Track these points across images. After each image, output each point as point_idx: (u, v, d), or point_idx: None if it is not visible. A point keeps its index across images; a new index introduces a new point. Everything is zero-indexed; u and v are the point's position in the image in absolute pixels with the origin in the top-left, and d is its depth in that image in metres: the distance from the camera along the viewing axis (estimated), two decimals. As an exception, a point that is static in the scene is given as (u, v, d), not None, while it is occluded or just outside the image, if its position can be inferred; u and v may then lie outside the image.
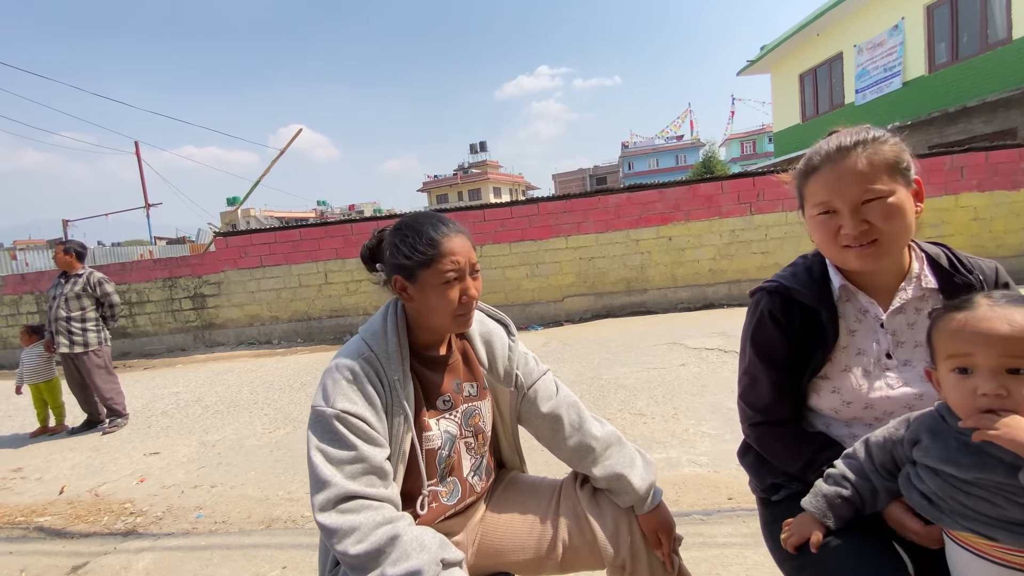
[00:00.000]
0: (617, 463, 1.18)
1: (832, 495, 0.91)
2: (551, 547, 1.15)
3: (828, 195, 0.96)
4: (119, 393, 4.34)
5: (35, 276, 8.44)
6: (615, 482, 1.16)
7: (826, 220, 0.97)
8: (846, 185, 0.94)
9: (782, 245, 7.41)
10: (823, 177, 0.97)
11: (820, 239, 1.00)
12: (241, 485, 2.96)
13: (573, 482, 1.24)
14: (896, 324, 1.02)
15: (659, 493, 1.18)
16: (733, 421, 3.18)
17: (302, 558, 2.17)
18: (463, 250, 1.07)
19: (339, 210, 47.52)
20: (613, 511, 1.16)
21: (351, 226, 7.88)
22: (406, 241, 1.06)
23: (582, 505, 1.17)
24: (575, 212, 7.58)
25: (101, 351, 4.26)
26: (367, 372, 1.03)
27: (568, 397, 1.25)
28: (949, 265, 1.02)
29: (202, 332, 8.11)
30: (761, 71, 16.88)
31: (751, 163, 32.38)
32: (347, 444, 0.96)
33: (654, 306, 7.62)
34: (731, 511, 2.22)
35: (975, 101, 9.32)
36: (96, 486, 3.14)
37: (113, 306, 4.35)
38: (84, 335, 4.16)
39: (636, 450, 1.24)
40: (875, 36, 11.91)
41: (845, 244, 0.96)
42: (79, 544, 2.48)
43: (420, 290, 1.07)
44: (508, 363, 1.22)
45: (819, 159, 0.98)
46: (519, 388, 1.22)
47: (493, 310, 1.29)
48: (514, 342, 1.24)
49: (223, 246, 7.99)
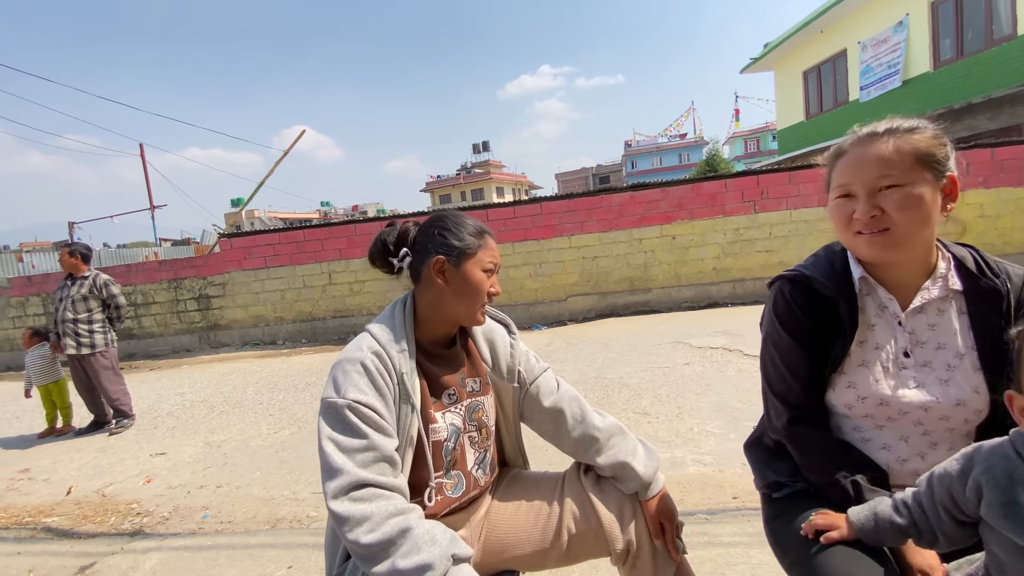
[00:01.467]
0: (620, 451, 1.21)
1: (884, 519, 0.85)
2: (556, 536, 1.17)
3: (848, 178, 0.95)
4: (126, 394, 4.36)
5: (41, 278, 8.50)
6: (619, 470, 1.20)
7: (843, 204, 0.96)
8: (865, 168, 0.93)
9: (786, 243, 7.38)
10: (847, 160, 0.96)
11: (835, 223, 0.99)
12: (247, 485, 2.97)
13: (577, 471, 1.27)
14: (916, 323, 0.99)
15: (662, 479, 1.22)
16: (737, 420, 3.17)
17: (307, 557, 2.18)
18: (496, 250, 1.20)
19: (343, 211, 47.63)
20: (617, 496, 1.19)
21: (355, 227, 7.90)
22: (458, 228, 1.14)
23: (587, 490, 1.20)
24: (578, 211, 7.57)
25: (108, 352, 4.28)
26: (376, 365, 1.04)
27: (569, 391, 1.28)
28: (976, 267, 0.98)
29: (207, 333, 8.15)
30: (764, 68, 16.81)
31: (755, 161, 32.26)
32: (359, 433, 0.98)
33: (658, 305, 7.61)
34: (736, 511, 2.21)
35: (980, 97, 9.26)
36: (103, 487, 3.16)
37: (119, 307, 4.37)
38: (91, 336, 4.18)
39: (638, 439, 1.27)
40: (879, 33, 11.85)
41: (857, 230, 0.94)
42: (86, 544, 2.50)
43: (460, 275, 1.12)
44: (511, 360, 1.25)
45: (849, 144, 0.97)
46: (522, 384, 1.25)
47: (494, 311, 1.32)
48: (515, 340, 1.28)
49: (228, 247, 8.02)
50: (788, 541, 0.99)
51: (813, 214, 7.29)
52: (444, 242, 1.13)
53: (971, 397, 0.94)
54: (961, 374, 0.95)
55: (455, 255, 1.12)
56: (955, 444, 0.96)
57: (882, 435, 1.00)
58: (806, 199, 7.30)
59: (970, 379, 0.95)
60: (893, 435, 0.99)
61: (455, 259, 1.12)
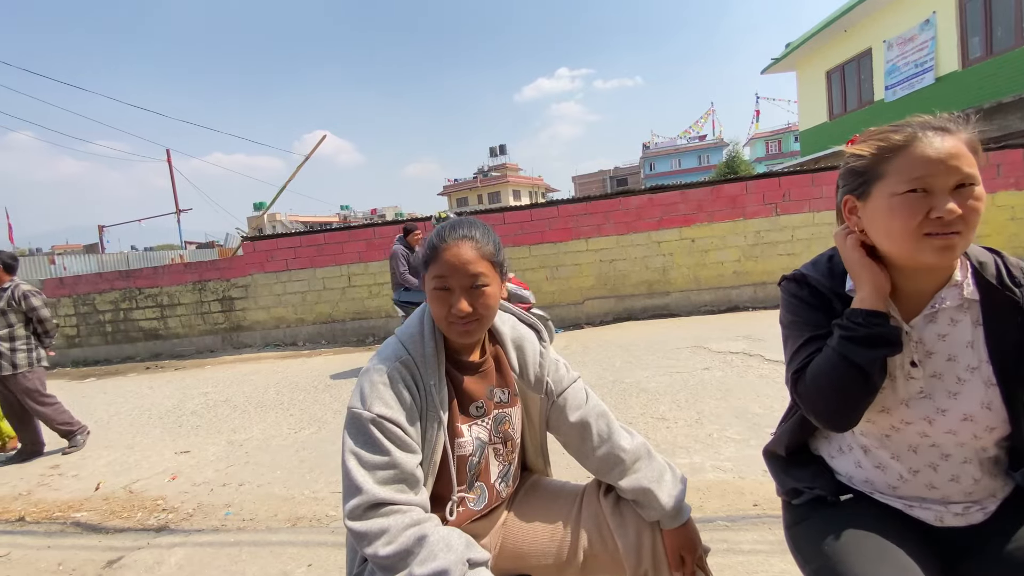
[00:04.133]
0: (645, 477, 1.15)
1: None
2: (571, 554, 1.15)
3: (926, 170, 0.84)
4: (62, 412, 3.92)
5: (73, 280, 8.77)
6: (641, 495, 1.14)
7: (916, 200, 0.84)
8: (948, 161, 0.83)
9: (809, 246, 7.25)
10: (921, 151, 0.85)
11: (900, 223, 0.86)
12: (268, 484, 3.02)
13: (596, 490, 1.22)
14: (926, 333, 0.94)
15: (687, 510, 1.16)
16: (758, 427, 3.12)
17: (327, 556, 2.21)
18: (458, 262, 1.03)
19: (362, 214, 48.16)
20: (636, 523, 1.14)
21: (374, 230, 7.99)
22: (428, 239, 1.10)
23: (604, 515, 1.16)
24: (595, 214, 7.54)
25: (32, 373, 3.79)
26: (403, 376, 1.04)
27: (598, 406, 1.23)
28: (995, 276, 0.92)
29: (230, 334, 8.31)
30: (786, 69, 16.57)
31: (776, 163, 31.77)
32: (381, 449, 0.97)
33: (676, 309, 7.53)
34: (756, 518, 2.18)
35: (1011, 96, 8.98)
36: (130, 483, 3.24)
37: (43, 321, 3.85)
38: (13, 355, 3.70)
39: (666, 463, 1.21)
40: (905, 31, 11.59)
41: (928, 231, 0.84)
42: (114, 539, 2.57)
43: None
44: (539, 369, 1.20)
45: (919, 133, 0.87)
46: (548, 395, 1.21)
47: (525, 314, 1.27)
48: (545, 348, 1.23)
49: (250, 250, 8.18)
50: (810, 548, 0.97)
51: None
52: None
53: (980, 413, 0.89)
54: (971, 388, 0.90)
55: (423, 274, 1.10)
56: (968, 458, 0.92)
57: (889, 444, 0.97)
58: (829, 201, 7.15)
59: (981, 394, 0.90)
60: (900, 445, 0.96)
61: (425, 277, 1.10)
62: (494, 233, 1.13)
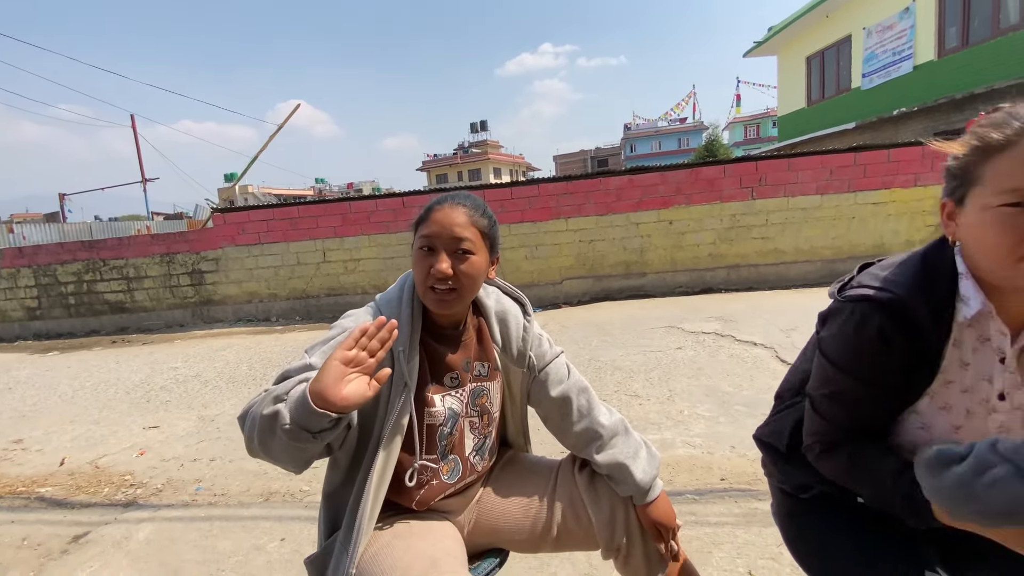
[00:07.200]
0: (621, 452, 1.16)
1: None
2: (546, 529, 1.16)
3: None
4: None
5: (32, 250, 8.40)
6: (616, 471, 1.15)
7: (1011, 216, 0.70)
8: None
9: (783, 231, 7.39)
10: (1022, 156, 0.70)
11: (998, 241, 0.72)
12: (240, 459, 2.99)
13: (571, 465, 1.23)
14: (1021, 362, 0.80)
15: (659, 486, 1.17)
16: (728, 404, 3.21)
17: (300, 530, 2.21)
18: (447, 223, 1.03)
19: (337, 188, 47.16)
20: (610, 499, 1.16)
21: (349, 204, 7.82)
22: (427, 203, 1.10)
23: (579, 490, 1.17)
24: (576, 194, 7.53)
25: None
26: None
27: (579, 382, 1.23)
28: None
29: (200, 308, 8.11)
30: (768, 53, 16.61)
31: (754, 147, 32.09)
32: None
33: (653, 290, 7.63)
34: (723, 491, 2.26)
35: (982, 88, 9.20)
36: (96, 458, 3.17)
37: None
38: None
39: (642, 440, 1.22)
40: (885, 19, 11.70)
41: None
42: (80, 514, 2.52)
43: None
44: (522, 344, 1.19)
45: (1015, 132, 0.71)
46: (531, 369, 1.21)
47: (510, 287, 1.26)
48: (529, 322, 1.22)
49: (221, 222, 7.94)
50: (812, 539, 0.97)
51: (810, 202, 7.28)
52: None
53: None
54: None
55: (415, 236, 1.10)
56: None
57: None
58: (804, 186, 7.28)
59: None
60: None
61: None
62: (492, 212, 1.12)
